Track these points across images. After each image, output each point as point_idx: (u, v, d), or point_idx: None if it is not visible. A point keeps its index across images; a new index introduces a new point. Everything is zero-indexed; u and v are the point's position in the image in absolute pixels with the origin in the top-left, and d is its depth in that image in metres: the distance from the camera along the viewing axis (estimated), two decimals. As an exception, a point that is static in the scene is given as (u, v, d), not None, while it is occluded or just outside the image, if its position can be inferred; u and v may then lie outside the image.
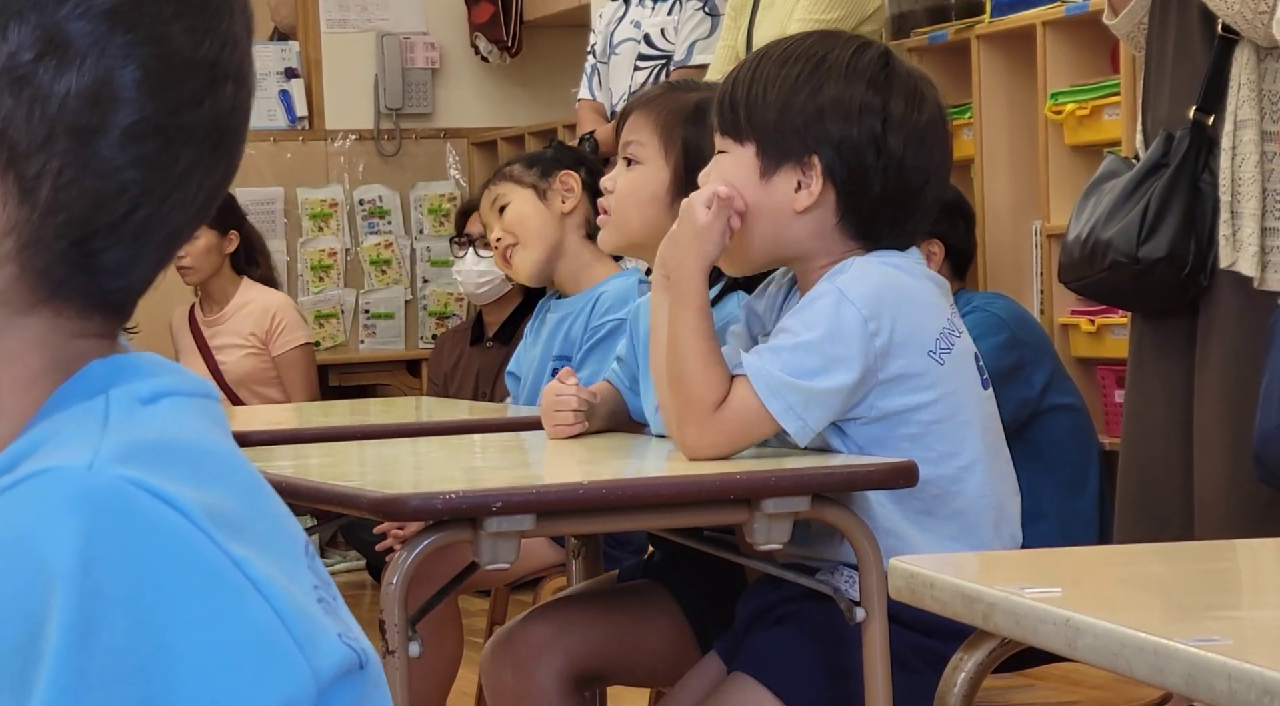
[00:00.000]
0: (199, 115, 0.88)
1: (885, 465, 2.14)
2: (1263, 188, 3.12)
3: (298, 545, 0.89)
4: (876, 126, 2.19)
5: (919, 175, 2.21)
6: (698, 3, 4.81)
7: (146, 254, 0.89)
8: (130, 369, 0.88)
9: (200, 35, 0.87)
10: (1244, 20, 3.10)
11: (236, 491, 0.86)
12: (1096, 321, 4.26)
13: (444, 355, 6.30)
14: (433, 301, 7.36)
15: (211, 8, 0.88)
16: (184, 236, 0.90)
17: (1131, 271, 3.22)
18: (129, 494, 0.81)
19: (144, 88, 0.86)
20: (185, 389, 0.89)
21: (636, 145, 2.57)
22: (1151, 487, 3.31)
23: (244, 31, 0.90)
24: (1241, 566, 1.64)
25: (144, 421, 0.86)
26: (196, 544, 0.81)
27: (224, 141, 0.89)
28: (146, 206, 0.87)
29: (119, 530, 0.80)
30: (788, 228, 2.23)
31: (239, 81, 0.90)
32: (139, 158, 0.86)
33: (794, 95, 2.20)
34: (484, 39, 7.29)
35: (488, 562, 2.07)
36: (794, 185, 2.21)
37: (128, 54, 0.85)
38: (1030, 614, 1.29)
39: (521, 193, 3.49)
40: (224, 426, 0.91)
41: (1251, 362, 3.08)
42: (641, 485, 2.16)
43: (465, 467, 2.57)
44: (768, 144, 2.21)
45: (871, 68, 2.21)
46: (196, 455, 0.86)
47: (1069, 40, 4.33)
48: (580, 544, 2.90)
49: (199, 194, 0.89)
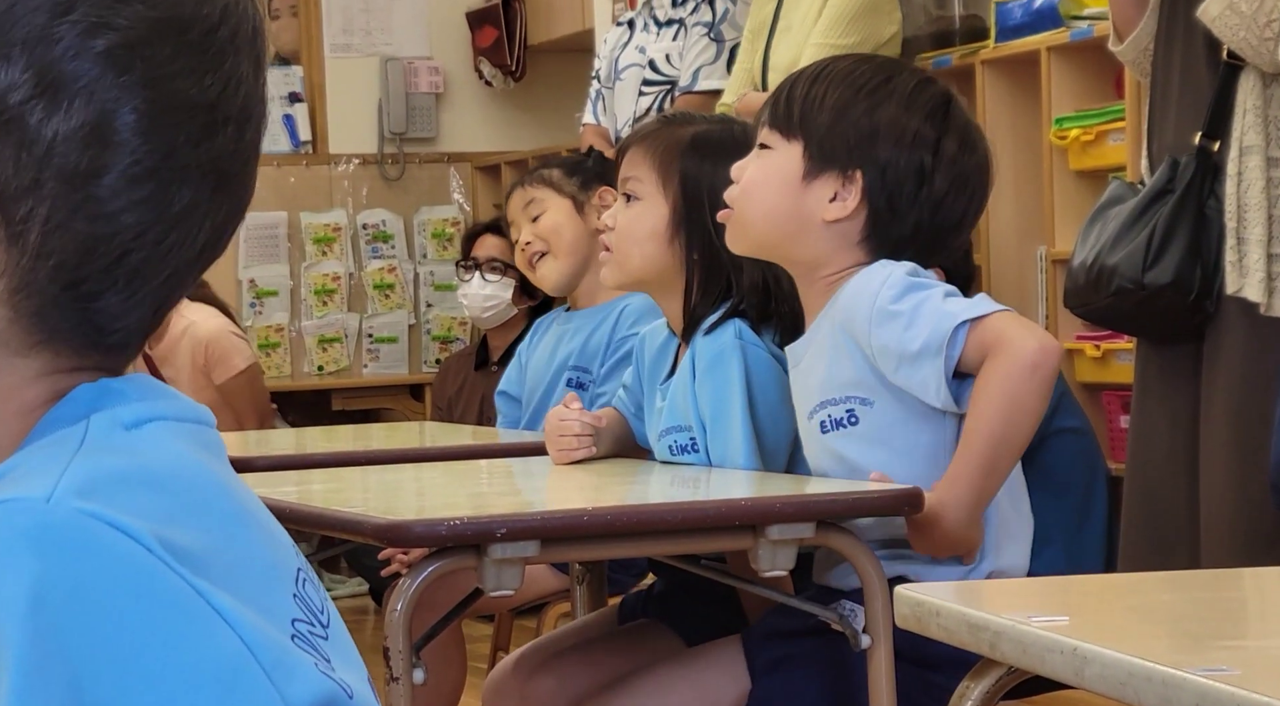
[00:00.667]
0: (197, 157, 0.86)
1: (890, 492, 2.14)
2: (1269, 214, 3.12)
3: (281, 576, 0.87)
4: (926, 159, 2.20)
5: (954, 217, 2.22)
6: (703, 29, 4.81)
7: (144, 297, 0.87)
8: (116, 393, 0.87)
9: (200, 76, 0.86)
10: (1249, 47, 3.10)
11: (211, 523, 0.84)
12: (1102, 347, 4.26)
13: (448, 379, 6.30)
14: (436, 326, 7.36)
15: (213, 49, 0.87)
16: (188, 278, 0.89)
17: (1137, 297, 3.21)
18: (85, 526, 0.79)
19: (139, 131, 0.84)
20: (172, 414, 0.88)
21: (635, 181, 2.58)
22: (1157, 513, 3.31)
23: (251, 69, 0.88)
24: (1249, 595, 1.64)
25: (120, 448, 0.85)
26: (156, 572, 0.80)
27: (225, 182, 0.88)
28: (142, 250, 0.86)
29: (74, 564, 0.78)
30: (810, 233, 2.23)
31: (242, 122, 0.88)
32: (133, 201, 0.85)
33: (852, 107, 2.21)
34: (488, 63, 7.30)
35: (492, 589, 2.06)
36: (830, 194, 2.22)
37: (123, 97, 0.84)
38: (1037, 642, 1.29)
39: (559, 202, 3.46)
40: (216, 452, 0.90)
41: (1258, 389, 3.07)
42: (646, 511, 2.15)
43: (469, 493, 2.56)
44: (815, 147, 2.22)
45: (932, 102, 2.23)
46: (170, 485, 0.84)
47: (1073, 66, 4.34)
48: (585, 570, 2.89)
49: (200, 235, 0.88)
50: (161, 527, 0.81)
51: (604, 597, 2.91)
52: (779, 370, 2.40)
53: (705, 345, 2.44)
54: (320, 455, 3.15)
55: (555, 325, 3.48)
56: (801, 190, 2.22)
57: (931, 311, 2.13)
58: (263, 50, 0.90)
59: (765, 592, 2.27)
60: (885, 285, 2.16)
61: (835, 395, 2.22)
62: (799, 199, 2.22)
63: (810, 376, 2.25)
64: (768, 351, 2.43)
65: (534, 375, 3.50)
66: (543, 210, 3.46)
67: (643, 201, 2.56)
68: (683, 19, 4.85)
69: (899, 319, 2.14)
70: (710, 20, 4.81)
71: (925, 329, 2.13)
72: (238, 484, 0.89)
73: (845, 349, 2.20)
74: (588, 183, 3.48)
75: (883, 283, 2.17)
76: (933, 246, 2.24)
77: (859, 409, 2.20)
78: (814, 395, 2.24)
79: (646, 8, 4.97)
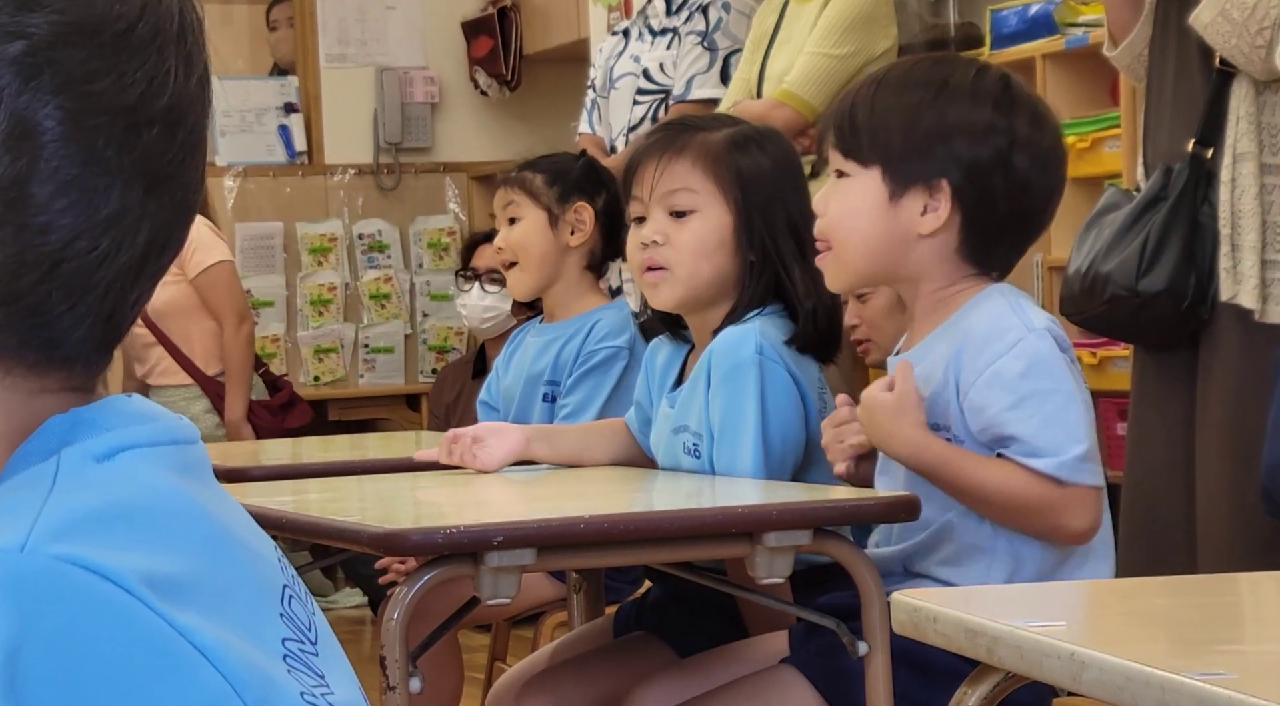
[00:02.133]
0: (121, 160, 0.85)
1: (887, 499, 2.14)
2: (1262, 220, 3.12)
3: (268, 595, 0.87)
4: (1003, 147, 2.20)
5: (1042, 196, 2.23)
6: (696, 37, 4.82)
7: (88, 308, 0.86)
8: (87, 424, 0.86)
9: (117, 78, 0.84)
10: (1240, 54, 3.10)
11: (192, 548, 0.83)
12: (1098, 354, 4.26)
13: (445, 388, 6.30)
14: (432, 335, 7.36)
15: (130, 48, 0.85)
16: (136, 285, 0.87)
17: (1132, 305, 3.22)
18: (62, 574, 0.78)
19: (57, 136, 0.83)
20: (146, 440, 0.86)
21: (685, 193, 2.51)
22: (1154, 520, 3.31)
23: (180, 68, 0.87)
24: (1245, 600, 1.64)
25: (94, 483, 0.83)
26: (137, 617, 0.79)
27: (158, 185, 0.86)
28: (74, 259, 0.84)
29: (51, 615, 0.78)
30: (910, 250, 2.22)
31: (171, 122, 0.86)
32: (66, 204, 0.83)
33: (919, 118, 2.20)
34: (483, 73, 7.30)
35: (489, 597, 2.06)
36: (920, 208, 2.21)
37: (37, 103, 0.83)
38: (1035, 648, 1.29)
39: (535, 213, 3.44)
40: (198, 471, 0.88)
41: (1253, 395, 3.07)
42: (643, 519, 2.15)
43: (466, 502, 2.56)
44: (894, 167, 2.21)
45: (994, 89, 2.22)
46: (146, 516, 0.83)
47: (1069, 73, 4.34)
48: (581, 578, 2.89)
49: (137, 239, 0.86)
50: (143, 562, 0.80)
51: (601, 606, 2.91)
52: (794, 389, 2.39)
53: (723, 354, 2.42)
54: (317, 465, 3.15)
55: (530, 337, 3.48)
56: (892, 212, 2.21)
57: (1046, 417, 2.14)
58: (194, 48, 0.88)
59: (763, 601, 2.27)
60: (1014, 352, 2.15)
61: (939, 421, 2.22)
62: (892, 222, 2.21)
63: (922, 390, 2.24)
64: (786, 369, 2.41)
65: (509, 387, 3.51)
66: (519, 216, 3.46)
67: (700, 213, 2.50)
68: (676, 28, 4.85)
69: (1012, 394, 2.14)
70: (704, 29, 4.82)
71: (1027, 427, 2.13)
72: (221, 504, 0.88)
73: (951, 380, 2.20)
74: (567, 194, 3.45)
75: (1014, 344, 2.16)
76: (1025, 231, 2.25)
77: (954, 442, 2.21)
78: (929, 415, 2.23)
79: (641, 17, 4.98)
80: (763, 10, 4.67)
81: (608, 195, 3.48)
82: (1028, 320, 2.18)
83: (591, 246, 3.44)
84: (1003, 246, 2.24)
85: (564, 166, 3.52)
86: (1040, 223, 2.27)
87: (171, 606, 0.80)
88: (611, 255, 3.48)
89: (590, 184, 3.50)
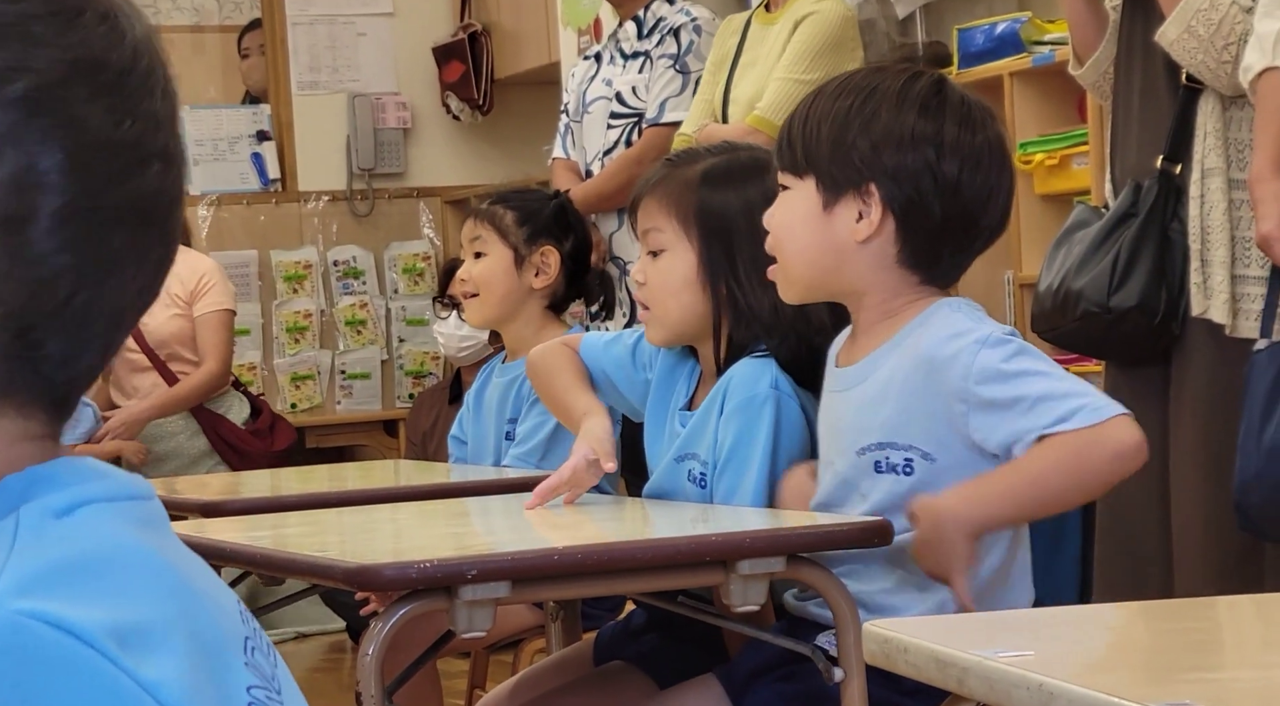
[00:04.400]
0: (125, 195, 0.86)
1: (860, 524, 2.14)
2: (1231, 235, 3.13)
3: (232, 644, 0.87)
4: (930, 153, 2.20)
5: (978, 199, 2.23)
6: (668, 61, 4.83)
7: (91, 340, 0.87)
8: (45, 481, 0.86)
9: (120, 116, 0.86)
10: (1207, 70, 3.11)
11: (158, 597, 0.84)
12: (1070, 370, 4.27)
13: (422, 414, 6.29)
14: (409, 361, 7.35)
15: (128, 88, 0.86)
16: (129, 319, 0.89)
17: (1104, 321, 3.22)
18: (29, 630, 0.78)
19: (66, 172, 0.84)
20: (103, 495, 0.87)
21: (655, 233, 2.53)
22: (1129, 536, 3.31)
23: (167, 112, 0.88)
24: (1222, 625, 1.64)
25: (53, 539, 0.83)
26: (102, 675, 0.79)
27: (155, 220, 0.88)
28: (85, 291, 0.85)
29: (18, 671, 0.78)
30: (849, 260, 2.23)
31: (166, 160, 0.88)
32: (69, 242, 0.84)
33: (847, 127, 2.22)
34: (455, 98, 7.30)
35: (464, 631, 2.06)
36: (854, 216, 2.22)
37: (45, 139, 0.84)
38: (1003, 678, 1.29)
39: (501, 251, 3.44)
40: (156, 525, 0.88)
41: (1225, 410, 3.08)
42: (616, 549, 2.15)
43: (443, 534, 2.56)
44: (826, 176, 2.23)
45: (923, 95, 2.23)
46: (109, 567, 0.83)
47: (1036, 91, 4.36)
48: (559, 607, 2.89)
49: (139, 273, 0.87)
50: (109, 613, 0.81)
51: (578, 633, 2.90)
52: (804, 425, 2.39)
53: (740, 386, 2.41)
54: (295, 497, 3.14)
55: (495, 377, 3.49)
56: (826, 221, 2.23)
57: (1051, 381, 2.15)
58: (174, 94, 0.90)
59: (741, 628, 2.27)
60: (987, 345, 2.16)
61: (899, 440, 2.20)
62: (827, 231, 2.23)
63: (867, 412, 2.23)
64: (799, 404, 2.41)
65: (479, 426, 3.52)
66: (485, 251, 3.45)
67: (668, 252, 2.52)
68: (648, 51, 4.86)
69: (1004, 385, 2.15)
70: (675, 53, 4.82)
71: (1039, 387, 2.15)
72: (181, 557, 0.88)
73: (921, 397, 2.19)
74: (536, 235, 3.43)
75: (981, 342, 2.16)
76: (968, 236, 2.25)
77: (919, 461, 2.20)
78: (872, 432, 2.22)
79: (613, 41, 4.98)
80: (723, 31, 4.68)
81: (576, 239, 3.48)
82: (986, 327, 2.19)
83: (554, 288, 3.44)
84: (945, 253, 2.24)
85: (536, 206, 3.50)
86: (986, 226, 2.26)
87: (137, 659, 0.80)
88: (574, 297, 3.48)
89: (560, 227, 3.49)
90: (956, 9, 4.85)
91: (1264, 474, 2.86)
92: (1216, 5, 3.09)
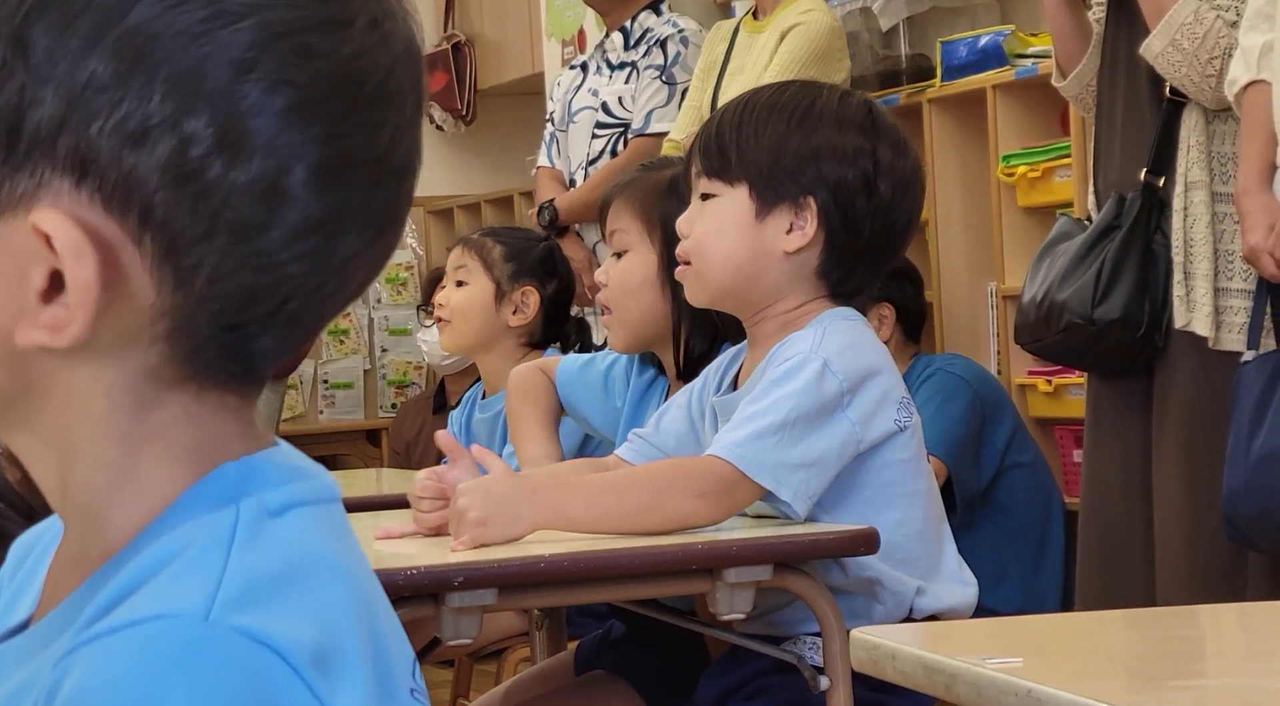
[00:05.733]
0: (363, 209, 0.86)
1: (847, 533, 2.15)
2: (1214, 248, 3.15)
3: (404, 665, 0.87)
4: (869, 170, 2.22)
5: (901, 221, 2.24)
6: (654, 71, 4.84)
7: (297, 338, 0.88)
8: (260, 475, 0.86)
9: (372, 131, 0.85)
10: (1191, 84, 3.13)
11: (350, 619, 0.84)
12: (1054, 381, 4.28)
13: (406, 424, 6.29)
14: (392, 370, 7.35)
15: (383, 98, 0.86)
16: (329, 319, 0.89)
17: (1087, 333, 3.24)
18: (242, 648, 0.79)
19: (311, 186, 0.84)
20: (311, 497, 0.87)
21: (620, 234, 2.57)
22: (1112, 547, 3.33)
23: (413, 117, 0.88)
24: (1205, 633, 1.65)
25: (269, 543, 0.84)
26: (298, 700, 0.79)
27: (385, 231, 0.88)
28: (301, 298, 0.86)
29: (228, 692, 0.78)
30: (770, 269, 2.23)
31: (403, 172, 0.88)
32: (299, 254, 0.84)
33: (788, 138, 2.22)
34: (438, 108, 7.31)
35: (450, 638, 2.06)
36: (786, 226, 2.23)
37: (299, 153, 0.83)
38: (991, 685, 1.30)
39: (484, 284, 3.44)
40: (344, 532, 0.88)
41: (1208, 422, 3.09)
42: (603, 557, 2.15)
43: (428, 541, 2.56)
44: (762, 185, 2.23)
45: (859, 114, 2.25)
46: (314, 582, 0.83)
47: (1019, 103, 4.37)
48: (544, 615, 2.89)
49: (356, 280, 0.88)
50: (313, 634, 0.81)
51: (563, 641, 2.91)
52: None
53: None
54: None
55: (476, 413, 3.49)
56: (757, 229, 2.23)
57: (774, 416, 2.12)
58: (423, 96, 0.89)
59: (724, 635, 2.28)
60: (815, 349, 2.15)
61: None
62: (757, 239, 2.23)
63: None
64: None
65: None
66: (467, 280, 3.45)
67: (631, 253, 2.55)
68: (635, 62, 4.88)
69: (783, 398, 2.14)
70: (662, 63, 4.84)
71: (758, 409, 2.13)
72: (367, 571, 0.88)
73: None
74: (520, 274, 3.44)
75: (788, 359, 2.16)
76: (883, 255, 2.26)
77: None
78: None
79: (599, 51, 5.00)
80: (711, 39, 4.72)
81: (559, 284, 3.49)
82: (817, 344, 2.17)
83: (531, 329, 3.44)
84: (860, 270, 2.25)
85: (525, 245, 3.51)
86: (897, 248, 2.28)
87: (332, 686, 0.81)
88: (551, 339, 3.48)
89: (545, 270, 3.50)
90: (940, 22, 4.86)
91: (1252, 485, 2.87)
92: (1201, 19, 3.10)
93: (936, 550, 2.23)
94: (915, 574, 2.20)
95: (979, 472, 3.96)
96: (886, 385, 2.18)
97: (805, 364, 2.15)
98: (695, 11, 5.14)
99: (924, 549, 2.21)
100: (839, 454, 2.15)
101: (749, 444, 2.13)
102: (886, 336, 4.00)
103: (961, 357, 4.20)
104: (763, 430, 2.13)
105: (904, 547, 2.19)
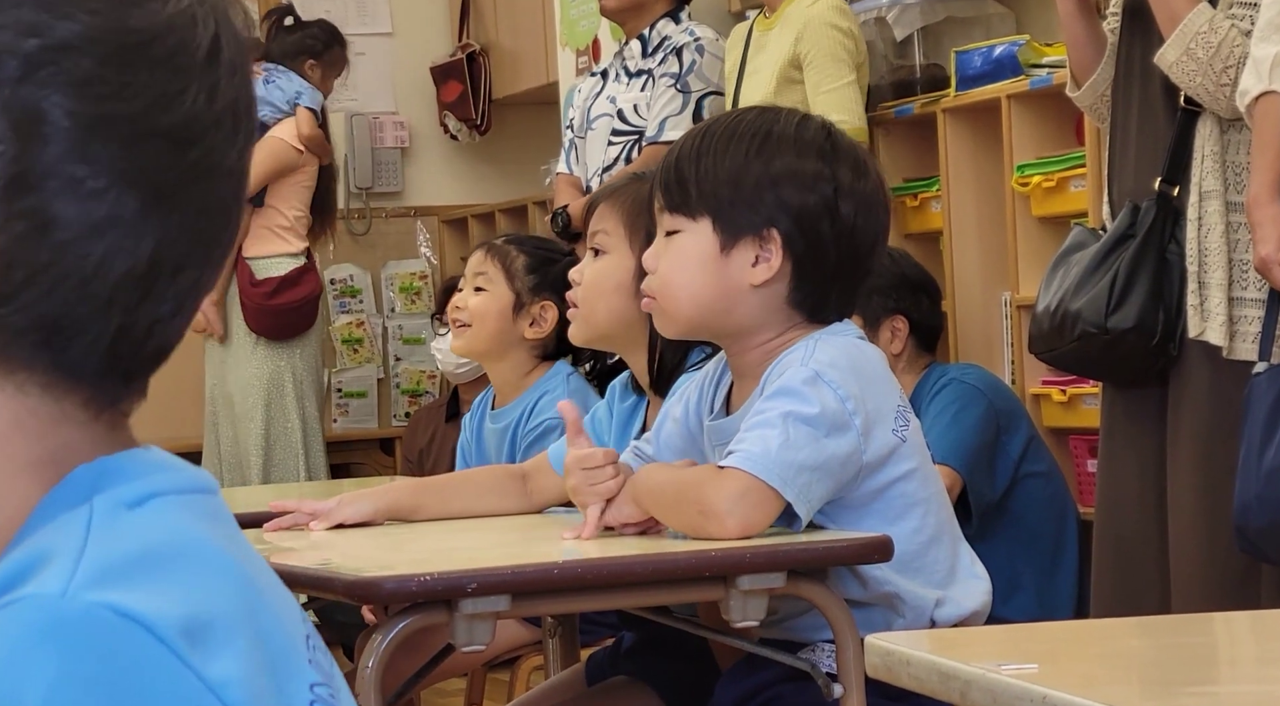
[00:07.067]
0: (117, 166, 0.85)
1: (860, 540, 2.15)
2: (1229, 258, 3.15)
3: (296, 640, 0.87)
4: (829, 194, 2.20)
5: (867, 242, 2.23)
6: (669, 80, 4.85)
7: (88, 317, 0.86)
8: (114, 472, 0.87)
9: (121, 87, 0.85)
10: (1206, 93, 3.13)
11: (223, 595, 0.84)
12: (1068, 391, 4.28)
13: (419, 432, 6.29)
14: (405, 379, 7.35)
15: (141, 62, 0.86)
16: (139, 304, 0.87)
17: (1101, 342, 3.24)
18: (103, 621, 0.79)
19: (59, 127, 0.84)
20: (173, 488, 0.87)
21: (603, 235, 2.58)
22: (1127, 557, 3.32)
23: (203, 94, 0.87)
24: (1219, 640, 1.65)
25: (126, 530, 0.84)
26: (168, 670, 0.79)
27: (160, 200, 0.86)
28: (68, 259, 0.85)
29: (89, 662, 0.78)
30: (740, 302, 2.21)
31: (181, 140, 0.87)
32: (52, 196, 0.84)
33: (747, 168, 2.20)
34: (453, 117, 7.32)
35: (464, 644, 2.06)
36: (752, 259, 2.21)
37: (41, 93, 0.84)
38: (1007, 691, 1.30)
39: (503, 292, 3.41)
40: (222, 520, 0.89)
41: (1222, 431, 3.09)
42: (617, 564, 2.15)
43: (441, 548, 2.56)
44: (724, 218, 2.21)
45: (818, 138, 2.23)
46: (179, 561, 0.84)
47: (1034, 113, 4.37)
48: (556, 622, 2.89)
49: (136, 251, 0.86)
50: (181, 607, 0.81)
51: (576, 650, 2.91)
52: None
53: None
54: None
55: (488, 422, 3.48)
56: (723, 264, 2.21)
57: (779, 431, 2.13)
58: (224, 79, 0.88)
59: (736, 642, 2.28)
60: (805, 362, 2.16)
61: None
62: (723, 273, 2.21)
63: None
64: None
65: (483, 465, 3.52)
66: (486, 288, 3.43)
67: (609, 255, 2.57)
68: (651, 70, 4.89)
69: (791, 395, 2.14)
70: (677, 72, 4.85)
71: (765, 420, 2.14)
72: (247, 553, 0.88)
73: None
74: (541, 287, 3.41)
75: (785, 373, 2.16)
76: (853, 279, 2.24)
77: None
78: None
79: (618, 58, 5.01)
80: (730, 44, 4.78)
81: None
82: (808, 357, 2.16)
83: (546, 343, 3.42)
84: (832, 295, 2.23)
85: (549, 257, 3.47)
86: (868, 269, 2.25)
87: (206, 656, 0.81)
88: (564, 353, 3.47)
89: (566, 285, 3.48)
90: (954, 32, 4.87)
91: (1264, 495, 2.87)
92: (1216, 28, 3.10)
93: (952, 553, 2.23)
94: (933, 581, 2.20)
95: (994, 482, 3.95)
96: (880, 394, 2.17)
97: (799, 377, 2.14)
98: (711, 19, 5.16)
99: (939, 553, 2.21)
100: (843, 462, 2.14)
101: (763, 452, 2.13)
102: (899, 349, 3.99)
103: (976, 367, 4.19)
104: (766, 436, 2.13)
105: (921, 556, 2.19)
